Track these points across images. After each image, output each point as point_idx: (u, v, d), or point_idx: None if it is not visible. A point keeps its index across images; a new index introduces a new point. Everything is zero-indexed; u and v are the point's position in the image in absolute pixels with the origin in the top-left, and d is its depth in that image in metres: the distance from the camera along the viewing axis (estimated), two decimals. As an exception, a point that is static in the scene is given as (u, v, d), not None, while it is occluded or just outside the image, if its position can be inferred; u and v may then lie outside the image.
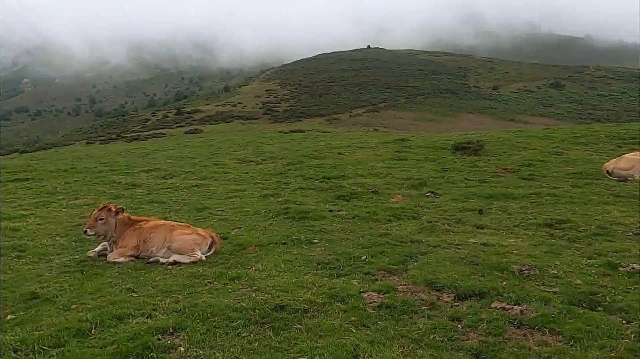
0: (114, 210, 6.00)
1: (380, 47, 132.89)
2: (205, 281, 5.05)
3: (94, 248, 6.11)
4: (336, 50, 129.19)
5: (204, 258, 5.84)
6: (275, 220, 7.94)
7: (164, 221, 6.34)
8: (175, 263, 5.70)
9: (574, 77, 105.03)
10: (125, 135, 51.55)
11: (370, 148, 18.81)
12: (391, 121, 66.08)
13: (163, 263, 5.71)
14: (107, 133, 58.30)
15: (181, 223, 6.36)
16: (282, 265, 5.53)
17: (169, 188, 11.48)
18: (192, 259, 5.76)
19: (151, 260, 5.78)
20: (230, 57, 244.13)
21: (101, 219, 5.91)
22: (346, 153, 17.68)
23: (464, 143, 17.36)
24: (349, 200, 9.64)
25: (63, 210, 8.96)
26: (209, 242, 6.02)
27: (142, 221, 6.20)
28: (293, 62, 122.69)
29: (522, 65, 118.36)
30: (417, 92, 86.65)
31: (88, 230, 5.88)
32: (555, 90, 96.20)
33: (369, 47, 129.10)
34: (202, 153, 21.56)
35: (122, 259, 5.80)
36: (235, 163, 16.33)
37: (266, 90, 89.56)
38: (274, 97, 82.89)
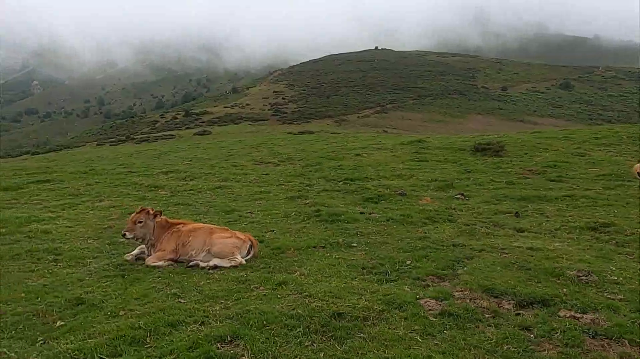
0: (152, 213, 5.87)
1: (387, 48, 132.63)
2: (251, 286, 4.90)
3: (131, 252, 5.98)
4: (340, 51, 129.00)
5: (244, 262, 5.69)
6: (308, 223, 7.79)
7: (202, 224, 6.20)
8: (215, 267, 5.56)
9: (584, 77, 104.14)
10: (134, 137, 51.74)
11: (387, 150, 18.65)
12: (400, 122, 65.82)
13: (203, 267, 5.57)
14: (117, 135, 58.55)
15: (219, 226, 6.21)
16: (327, 270, 5.37)
17: (191, 190, 11.37)
18: (233, 263, 5.61)
19: (191, 263, 5.64)
20: (236, 58, 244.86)
21: (140, 222, 5.78)
22: (364, 155, 17.53)
23: (483, 145, 17.13)
24: (378, 203, 9.47)
25: (90, 212, 8.86)
26: (248, 246, 5.87)
27: (179, 224, 6.06)
28: (300, 63, 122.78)
29: (531, 66, 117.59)
30: (425, 93, 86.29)
31: (127, 233, 5.74)
32: (564, 91, 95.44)
33: (376, 48, 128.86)
34: (216, 154, 21.48)
35: (161, 263, 5.66)
36: (253, 165, 16.22)
37: (274, 92, 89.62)
38: (282, 98, 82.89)
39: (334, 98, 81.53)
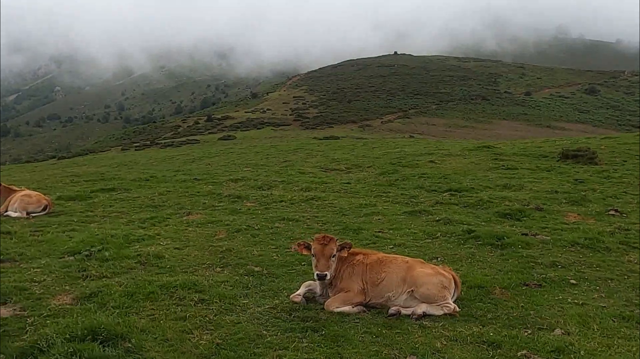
0: (339, 244, 4.43)
1: (402, 51, 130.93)
2: (516, 353, 3.44)
3: (297, 291, 4.53)
4: (357, 57, 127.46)
5: (457, 308, 4.23)
6: (470, 247, 6.32)
7: (390, 255, 4.70)
8: (424, 315, 4.11)
9: (609, 82, 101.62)
10: (158, 142, 50.84)
11: (458, 156, 17.21)
12: (424, 127, 64.37)
13: (408, 316, 4.12)
14: (141, 140, 57.76)
15: (414, 258, 4.74)
16: (594, 325, 3.89)
17: (281, 201, 9.97)
18: (446, 310, 4.16)
19: (391, 311, 4.17)
20: (252, 64, 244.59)
21: (334, 256, 4.35)
22: (437, 161, 16.08)
23: (574, 151, 15.58)
24: (520, 219, 7.98)
25: (188, 229, 7.47)
26: (453, 284, 4.42)
27: (358, 254, 4.61)
28: (319, 68, 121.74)
29: (554, 70, 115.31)
30: (447, 98, 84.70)
31: (328, 273, 4.28)
32: (590, 95, 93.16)
33: (395, 53, 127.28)
34: (265, 160, 20.20)
35: (347, 308, 4.21)
36: (320, 172, 14.83)
37: (294, 97, 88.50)
38: (303, 103, 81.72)
39: (355, 103, 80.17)
